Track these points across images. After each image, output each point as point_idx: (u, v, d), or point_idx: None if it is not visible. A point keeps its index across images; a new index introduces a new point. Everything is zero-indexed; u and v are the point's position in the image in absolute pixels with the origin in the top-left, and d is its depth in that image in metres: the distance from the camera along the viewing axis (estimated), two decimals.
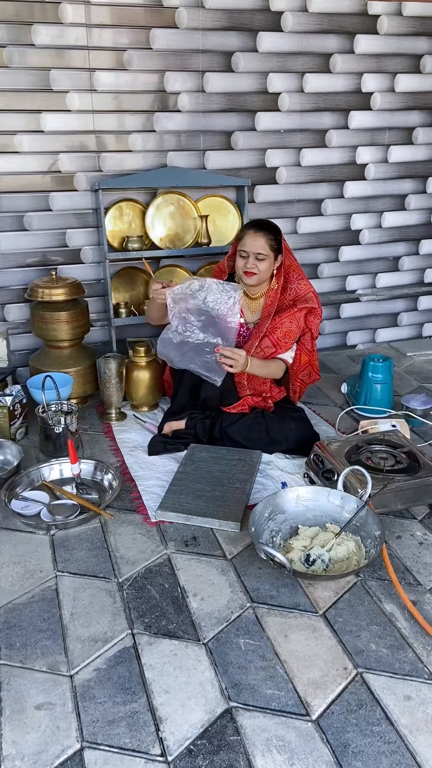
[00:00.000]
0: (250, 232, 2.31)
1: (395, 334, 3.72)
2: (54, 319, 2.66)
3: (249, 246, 2.30)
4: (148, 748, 1.26)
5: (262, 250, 2.29)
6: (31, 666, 1.45)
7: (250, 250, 2.30)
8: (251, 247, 2.29)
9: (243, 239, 2.32)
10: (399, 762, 1.23)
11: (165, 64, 2.80)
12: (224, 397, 2.41)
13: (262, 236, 2.28)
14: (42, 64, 2.65)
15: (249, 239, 2.29)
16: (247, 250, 2.30)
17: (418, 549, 1.86)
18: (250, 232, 2.31)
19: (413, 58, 3.16)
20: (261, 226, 2.32)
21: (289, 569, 1.62)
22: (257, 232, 2.29)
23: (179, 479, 2.14)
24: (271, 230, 2.32)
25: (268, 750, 1.26)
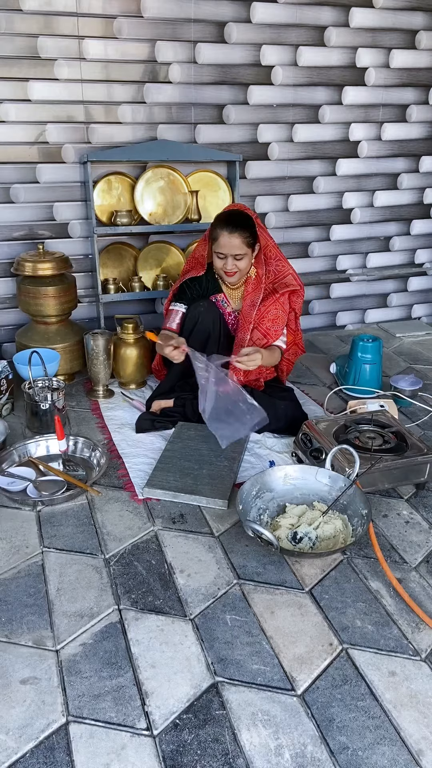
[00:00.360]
0: (224, 233, 2.20)
1: (385, 315, 3.72)
2: (41, 294, 2.62)
3: (225, 248, 2.22)
4: (134, 722, 1.26)
5: (239, 250, 2.22)
6: (17, 641, 1.45)
7: (228, 252, 2.22)
8: (228, 249, 2.22)
9: (218, 240, 2.22)
10: (383, 737, 1.25)
11: (156, 34, 2.73)
12: None
13: (237, 236, 2.19)
14: (29, 30, 2.57)
15: (224, 240, 2.21)
16: (225, 252, 2.23)
17: (404, 528, 1.87)
18: (224, 233, 2.20)
19: (409, 33, 3.11)
20: (234, 225, 2.19)
21: (276, 546, 1.62)
22: (232, 232, 2.19)
23: (167, 457, 2.13)
24: (245, 226, 2.21)
25: (254, 724, 1.26)
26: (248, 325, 2.35)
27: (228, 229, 2.20)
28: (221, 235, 2.21)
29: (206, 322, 2.34)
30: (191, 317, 2.35)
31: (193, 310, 2.36)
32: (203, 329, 2.34)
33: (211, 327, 2.35)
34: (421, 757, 1.20)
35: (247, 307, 2.37)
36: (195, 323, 2.34)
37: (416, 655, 1.42)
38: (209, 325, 2.35)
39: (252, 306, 2.36)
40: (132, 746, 1.22)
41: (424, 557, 1.74)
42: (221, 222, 2.23)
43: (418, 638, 1.47)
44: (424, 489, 2.04)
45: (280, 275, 2.38)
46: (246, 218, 2.24)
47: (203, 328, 2.34)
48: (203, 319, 2.33)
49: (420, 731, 1.25)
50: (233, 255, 2.23)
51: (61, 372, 2.72)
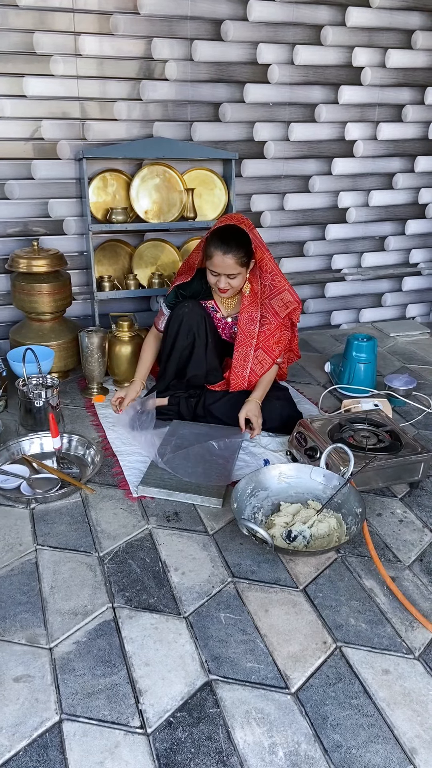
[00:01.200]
0: (218, 252, 2.14)
1: (379, 315, 3.72)
2: (35, 291, 2.61)
3: (219, 267, 2.17)
4: (128, 720, 1.26)
5: (232, 270, 2.18)
6: (10, 639, 1.44)
7: (221, 271, 2.18)
8: (222, 268, 2.17)
9: (212, 258, 2.17)
10: (376, 735, 1.25)
11: (152, 30, 2.73)
12: (209, 376, 2.41)
13: (231, 256, 2.14)
14: (25, 26, 2.56)
15: (218, 260, 2.16)
16: (218, 271, 2.19)
17: (398, 526, 1.87)
18: (218, 252, 2.14)
19: (405, 33, 3.12)
20: (228, 246, 2.14)
21: (271, 545, 1.62)
22: (225, 253, 2.14)
23: (162, 455, 2.13)
24: (239, 245, 2.16)
25: (248, 722, 1.26)
26: (250, 340, 2.33)
27: (222, 249, 2.14)
28: (215, 254, 2.16)
29: (190, 323, 2.32)
30: (175, 318, 2.33)
31: (177, 311, 2.34)
32: (188, 330, 2.32)
33: (196, 328, 2.33)
34: (415, 755, 1.21)
35: (246, 321, 2.34)
36: (179, 324, 2.32)
37: (410, 654, 1.43)
38: (194, 326, 2.32)
39: (251, 321, 2.33)
40: (126, 744, 1.21)
41: (418, 556, 1.74)
42: (216, 240, 2.16)
43: (412, 636, 1.47)
44: (418, 488, 2.05)
45: (276, 290, 2.34)
46: (241, 235, 2.18)
47: (187, 329, 2.32)
48: (187, 320, 2.31)
49: (413, 729, 1.26)
50: (227, 274, 2.20)
51: (56, 369, 2.71)
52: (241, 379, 2.36)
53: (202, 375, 2.40)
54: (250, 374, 2.36)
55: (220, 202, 3.03)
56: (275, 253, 3.32)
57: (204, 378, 2.41)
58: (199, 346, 2.36)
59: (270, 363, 2.36)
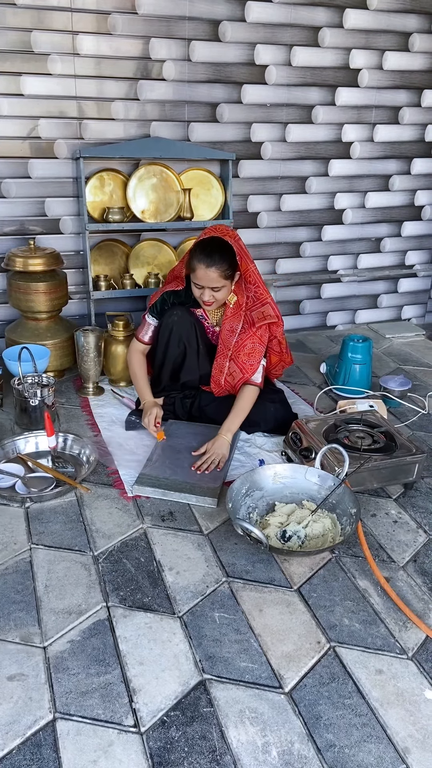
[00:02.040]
0: (201, 266, 2.11)
1: (375, 316, 3.73)
2: (31, 290, 2.60)
3: (203, 280, 2.14)
4: (122, 719, 1.26)
5: (216, 283, 2.14)
6: (4, 637, 1.44)
7: (205, 284, 2.14)
8: (205, 281, 2.13)
9: (195, 271, 2.13)
10: (370, 734, 1.25)
11: (150, 31, 2.73)
12: (203, 379, 2.40)
13: (214, 270, 2.10)
14: (23, 25, 2.56)
15: (201, 273, 2.12)
16: (202, 284, 2.15)
17: (393, 527, 1.88)
18: (201, 266, 2.11)
19: (402, 35, 3.13)
20: (212, 259, 2.10)
21: (265, 545, 1.63)
22: (209, 266, 2.10)
23: (157, 454, 2.13)
24: (223, 258, 2.11)
25: (241, 721, 1.27)
26: (227, 351, 2.30)
27: (205, 262, 2.10)
28: (198, 267, 2.12)
29: (180, 330, 2.30)
30: (165, 326, 2.31)
31: (166, 319, 2.31)
32: (178, 338, 2.31)
33: (186, 337, 2.31)
34: (407, 755, 1.21)
35: (227, 332, 2.31)
36: (170, 333, 2.31)
37: (403, 654, 1.43)
38: (184, 334, 2.31)
39: (231, 332, 2.30)
40: (119, 743, 1.22)
41: (412, 556, 1.75)
42: (199, 253, 2.13)
43: (405, 637, 1.48)
44: (412, 489, 2.06)
45: (258, 302, 2.29)
46: (225, 249, 2.14)
47: (178, 337, 2.30)
48: (176, 328, 2.30)
49: (406, 729, 1.26)
50: (211, 287, 2.16)
51: (51, 368, 2.71)
52: (218, 387, 2.35)
53: (195, 379, 2.40)
54: (225, 383, 2.33)
55: (217, 202, 3.03)
56: (271, 254, 3.33)
57: (198, 380, 2.41)
58: (190, 354, 2.35)
59: (240, 377, 2.28)
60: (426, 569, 1.70)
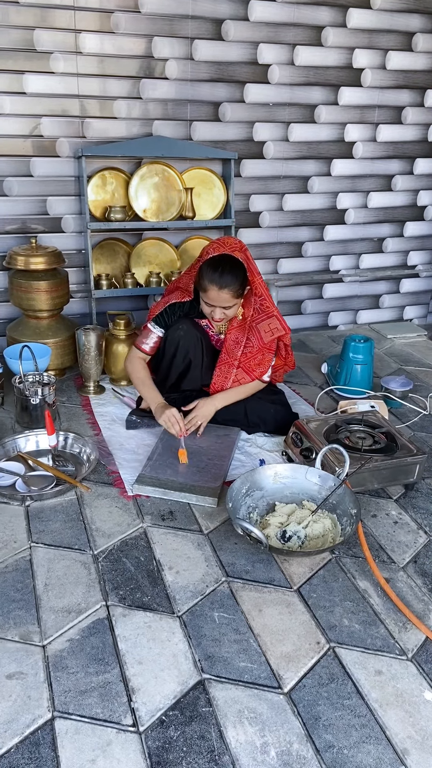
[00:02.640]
0: (213, 287, 2.08)
1: (376, 316, 3.73)
2: (33, 289, 2.60)
3: (215, 300, 2.12)
4: (120, 718, 1.26)
5: (228, 303, 2.13)
6: (3, 636, 1.44)
7: (217, 304, 2.13)
8: (217, 301, 2.12)
9: (207, 291, 2.11)
10: (368, 735, 1.25)
11: (153, 29, 2.72)
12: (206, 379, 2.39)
13: (227, 292, 2.09)
14: (26, 23, 2.56)
15: (213, 294, 2.10)
16: (214, 304, 2.14)
17: (393, 528, 1.87)
18: (213, 287, 2.08)
19: (405, 35, 3.12)
20: (225, 280, 2.07)
21: (265, 545, 1.62)
22: (221, 288, 2.08)
23: (157, 454, 2.13)
24: (235, 279, 2.09)
25: (240, 721, 1.26)
26: (233, 361, 2.30)
27: (218, 284, 2.08)
28: (210, 288, 2.10)
29: (186, 345, 2.29)
30: (171, 341, 2.29)
31: (172, 333, 2.28)
32: (184, 353, 2.29)
33: (192, 350, 2.30)
34: (406, 756, 1.21)
35: (231, 343, 2.31)
36: (176, 347, 2.29)
37: (403, 655, 1.43)
38: (190, 348, 2.29)
39: (236, 344, 2.30)
40: (118, 742, 1.21)
41: (412, 557, 1.75)
42: (211, 272, 2.09)
43: (405, 638, 1.47)
44: (413, 489, 2.05)
45: (264, 314, 2.28)
46: (237, 267, 2.11)
47: (184, 351, 2.29)
48: (183, 343, 2.28)
49: (405, 730, 1.26)
50: (222, 307, 2.15)
51: (52, 367, 2.71)
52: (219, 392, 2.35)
53: (197, 388, 2.40)
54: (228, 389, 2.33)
55: (219, 201, 3.03)
56: (273, 254, 3.32)
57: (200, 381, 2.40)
58: (194, 367, 2.34)
59: (248, 381, 2.32)
60: (426, 570, 1.70)
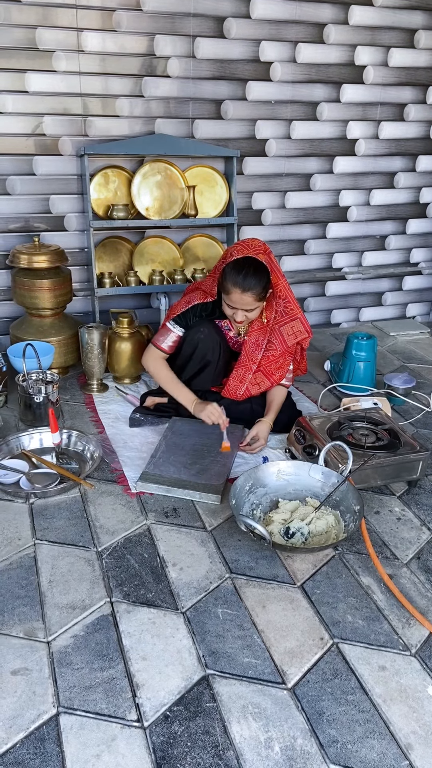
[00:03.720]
0: (236, 290, 2.09)
1: (379, 314, 3.73)
2: (36, 287, 2.61)
3: (237, 303, 2.13)
4: (125, 713, 1.27)
5: (251, 306, 2.14)
6: (8, 632, 1.45)
7: (239, 306, 2.14)
8: (240, 304, 2.13)
9: (230, 294, 2.12)
10: (372, 730, 1.25)
11: (155, 27, 2.73)
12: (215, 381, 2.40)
13: (249, 295, 2.09)
14: (28, 21, 2.56)
15: (236, 297, 2.10)
16: (236, 306, 2.14)
17: (396, 524, 1.87)
18: (236, 290, 2.09)
19: (408, 32, 3.12)
20: (248, 283, 2.08)
21: (269, 541, 1.63)
22: (244, 291, 2.08)
23: (161, 451, 2.13)
24: (258, 282, 2.09)
25: (244, 717, 1.27)
26: (251, 364, 2.30)
27: (241, 287, 2.08)
28: (233, 291, 2.10)
29: (205, 348, 2.28)
30: (190, 342, 2.29)
31: (192, 335, 2.28)
32: (201, 356, 2.29)
33: (210, 354, 2.30)
34: (410, 751, 1.21)
35: (251, 345, 2.31)
36: (194, 349, 2.29)
37: (406, 650, 1.43)
38: (208, 351, 2.29)
39: (256, 347, 2.30)
40: (122, 737, 1.22)
41: (416, 553, 1.75)
42: (234, 275, 2.09)
43: (408, 633, 1.48)
44: (416, 486, 2.05)
45: (288, 317, 2.28)
46: (260, 270, 2.11)
47: (201, 354, 2.29)
48: (202, 346, 2.28)
49: (409, 725, 1.26)
50: (245, 309, 2.15)
51: (56, 365, 2.71)
52: (233, 396, 2.34)
53: (206, 389, 2.40)
54: (243, 393, 2.33)
55: (222, 199, 3.03)
56: (276, 251, 3.32)
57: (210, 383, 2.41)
58: (208, 371, 2.34)
59: (268, 385, 2.32)
60: (430, 566, 1.70)
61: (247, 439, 2.20)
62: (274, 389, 2.34)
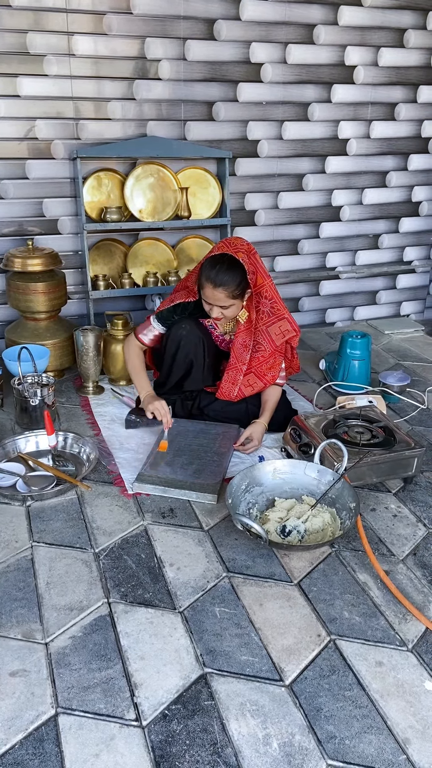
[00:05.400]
0: (208, 285, 2.08)
1: (374, 312, 3.74)
2: (30, 290, 2.61)
3: (210, 298, 2.12)
4: (123, 713, 1.27)
5: (224, 303, 2.12)
6: (6, 634, 1.45)
7: (212, 302, 2.13)
8: (212, 300, 2.12)
9: (203, 289, 2.12)
10: (370, 726, 1.26)
11: (146, 30, 2.74)
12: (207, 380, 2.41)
13: (221, 291, 2.08)
14: (19, 26, 2.57)
15: (208, 292, 2.10)
16: (210, 302, 2.14)
17: (392, 521, 1.88)
18: (208, 285, 2.08)
19: (397, 32, 3.13)
20: (219, 279, 2.07)
21: (265, 540, 1.63)
22: (215, 287, 2.07)
23: (157, 452, 2.14)
24: (231, 279, 2.07)
25: (242, 714, 1.27)
26: (241, 365, 2.30)
27: (212, 283, 2.08)
28: (206, 286, 2.10)
29: (188, 344, 2.28)
30: (173, 340, 2.29)
31: (175, 331, 2.28)
32: (186, 351, 2.29)
33: (194, 353, 2.30)
34: (408, 746, 1.22)
35: (239, 347, 2.30)
36: (177, 347, 2.29)
37: (403, 646, 1.44)
38: (191, 346, 2.29)
39: (244, 348, 2.30)
40: (121, 737, 1.22)
41: (411, 550, 1.76)
42: (208, 270, 2.10)
43: (405, 629, 1.48)
44: (411, 483, 2.06)
45: (275, 317, 2.26)
46: (236, 267, 2.09)
47: (186, 350, 2.29)
48: (185, 342, 2.28)
49: (406, 720, 1.27)
50: (219, 306, 2.15)
51: (51, 368, 2.72)
52: (228, 398, 2.35)
53: (199, 389, 2.41)
54: (237, 394, 2.34)
55: (215, 200, 3.04)
56: (269, 252, 3.33)
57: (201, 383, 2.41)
58: (197, 368, 2.34)
59: (262, 386, 2.32)
60: (425, 562, 1.71)
61: (240, 440, 2.20)
62: (269, 389, 2.35)
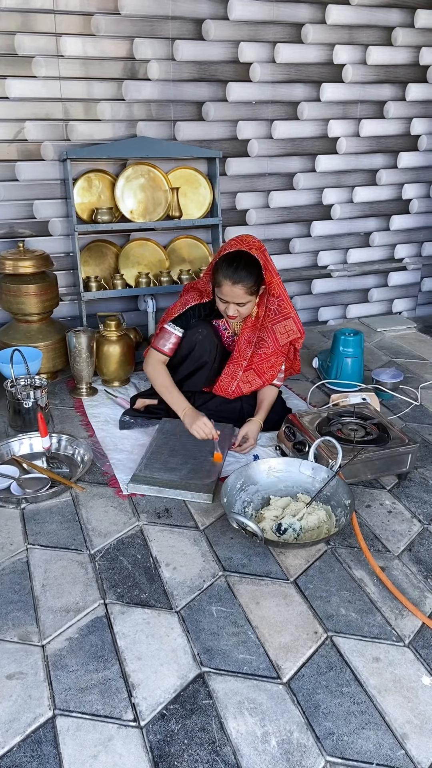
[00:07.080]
0: (227, 282, 2.09)
1: (366, 310, 3.75)
2: (22, 292, 2.60)
3: (228, 296, 2.12)
4: (121, 713, 1.27)
5: (242, 299, 2.13)
6: (2, 637, 1.44)
7: (230, 300, 2.13)
8: (231, 297, 2.12)
9: (221, 287, 2.12)
10: (368, 721, 1.26)
11: (134, 31, 2.73)
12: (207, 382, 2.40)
13: (240, 287, 2.09)
14: (7, 28, 2.56)
15: (227, 289, 2.10)
16: (227, 300, 2.14)
17: (387, 517, 1.89)
18: (227, 282, 2.09)
19: (385, 30, 3.14)
20: (238, 275, 2.08)
21: (261, 538, 1.63)
22: (235, 283, 2.08)
23: (151, 452, 2.13)
24: (249, 274, 2.10)
25: (240, 712, 1.27)
26: (242, 361, 2.31)
27: (231, 279, 2.08)
28: (224, 283, 2.10)
29: (202, 350, 2.28)
30: (187, 342, 2.28)
31: (190, 335, 2.28)
32: (198, 356, 2.29)
33: (207, 355, 2.30)
34: (406, 741, 1.22)
35: (243, 343, 2.31)
36: (191, 350, 2.29)
37: (399, 641, 1.44)
38: (204, 353, 2.29)
39: (247, 343, 2.31)
40: (119, 737, 1.22)
41: (407, 545, 1.76)
42: (225, 267, 2.10)
43: (402, 624, 1.49)
44: (406, 479, 2.07)
45: (281, 316, 2.28)
46: (252, 264, 2.11)
47: (198, 355, 2.29)
48: (199, 347, 2.28)
49: (404, 715, 1.27)
50: (236, 303, 2.15)
51: (44, 370, 2.71)
52: (225, 393, 2.36)
53: (197, 390, 2.40)
54: (234, 390, 2.34)
55: (205, 200, 3.04)
56: None
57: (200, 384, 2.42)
58: (202, 374, 2.34)
59: (259, 384, 2.33)
60: (421, 558, 1.71)
61: (238, 440, 2.20)
62: (265, 389, 2.35)
